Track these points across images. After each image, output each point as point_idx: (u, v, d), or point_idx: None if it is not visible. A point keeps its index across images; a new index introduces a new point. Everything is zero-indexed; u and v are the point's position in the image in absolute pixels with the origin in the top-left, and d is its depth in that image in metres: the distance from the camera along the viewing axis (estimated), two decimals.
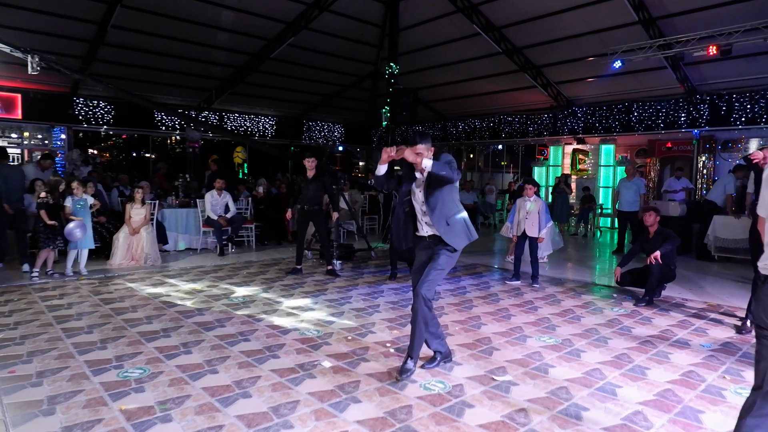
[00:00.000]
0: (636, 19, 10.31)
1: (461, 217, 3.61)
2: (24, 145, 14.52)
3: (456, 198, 3.64)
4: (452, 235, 3.55)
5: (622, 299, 5.91)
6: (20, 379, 3.33)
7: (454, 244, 3.55)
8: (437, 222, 3.53)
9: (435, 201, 3.54)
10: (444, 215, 3.53)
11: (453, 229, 3.55)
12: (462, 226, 3.60)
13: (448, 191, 3.56)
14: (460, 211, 3.61)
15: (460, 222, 3.60)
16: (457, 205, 3.63)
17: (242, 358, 3.79)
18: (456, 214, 3.58)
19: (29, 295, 5.55)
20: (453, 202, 3.59)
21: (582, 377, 3.56)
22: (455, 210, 3.58)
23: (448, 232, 3.54)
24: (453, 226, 3.54)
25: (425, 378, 3.49)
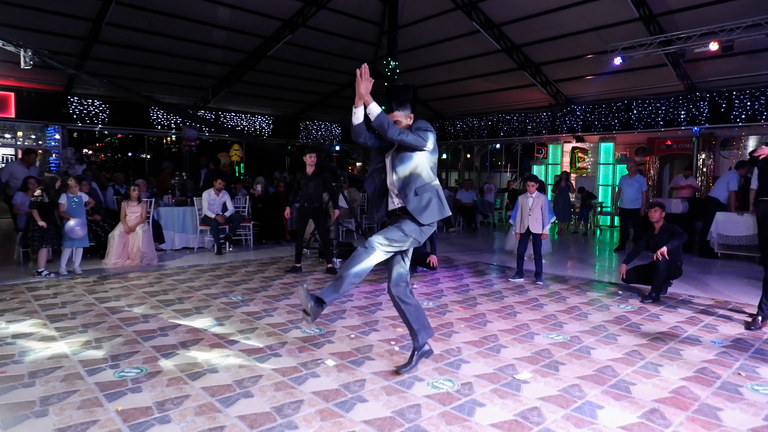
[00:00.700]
0: (637, 16, 10.26)
1: (433, 188, 3.26)
2: (18, 145, 14.35)
3: (429, 169, 3.28)
4: (419, 206, 3.19)
5: (627, 296, 5.82)
6: (11, 380, 3.19)
7: (420, 217, 3.19)
8: (403, 191, 3.20)
9: (404, 169, 3.22)
10: (412, 184, 3.20)
11: (421, 201, 3.20)
12: (432, 199, 3.24)
13: (421, 159, 3.23)
14: (431, 182, 3.27)
15: (431, 193, 3.24)
16: (430, 176, 3.28)
17: (242, 357, 3.66)
18: (426, 185, 3.23)
19: (22, 294, 5.40)
20: (425, 172, 3.24)
21: (594, 375, 3.45)
22: (426, 180, 3.24)
23: (415, 203, 3.19)
24: (421, 196, 3.20)
25: (432, 376, 3.38)
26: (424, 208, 3.20)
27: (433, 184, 3.27)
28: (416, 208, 3.18)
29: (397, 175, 3.23)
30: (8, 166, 9.09)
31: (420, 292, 5.84)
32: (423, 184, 3.21)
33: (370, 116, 3.00)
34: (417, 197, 3.19)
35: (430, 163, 3.27)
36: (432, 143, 3.23)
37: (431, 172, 3.28)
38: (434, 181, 3.29)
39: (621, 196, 9.39)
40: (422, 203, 3.20)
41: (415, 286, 6.15)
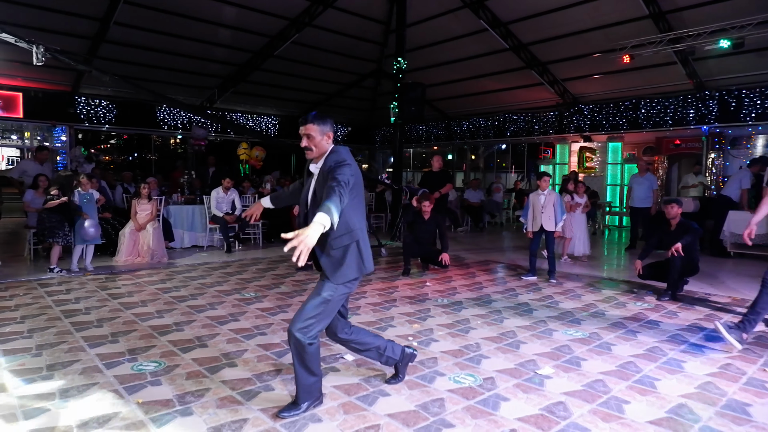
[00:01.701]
0: (646, 13, 10.19)
1: (353, 240, 2.67)
2: (26, 146, 14.38)
3: (353, 210, 2.66)
4: (334, 262, 2.64)
5: (643, 294, 5.76)
6: (30, 372, 3.16)
7: (331, 275, 2.63)
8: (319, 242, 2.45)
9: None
10: (328, 235, 2.55)
11: (336, 256, 2.64)
12: (351, 253, 2.67)
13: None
14: (353, 231, 2.67)
15: (350, 246, 2.67)
16: (352, 220, 2.66)
17: (260, 351, 3.63)
18: (345, 235, 2.64)
19: (35, 290, 5.38)
20: (349, 218, 2.63)
21: (617, 370, 3.40)
22: (346, 228, 2.63)
23: (330, 257, 2.63)
24: (338, 251, 2.64)
25: (453, 371, 3.34)
26: (338, 263, 2.64)
27: (357, 233, 2.69)
28: (330, 266, 2.65)
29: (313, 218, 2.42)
30: (21, 163, 9.09)
31: (433, 290, 5.80)
32: (340, 235, 2.62)
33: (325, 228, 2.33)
34: (333, 252, 2.64)
35: (350, 209, 2.62)
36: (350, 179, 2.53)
37: (353, 211, 2.67)
38: (357, 227, 2.69)
39: (631, 194, 9.33)
40: (337, 257, 2.65)
41: (428, 284, 6.11)
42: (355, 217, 2.69)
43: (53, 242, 6.17)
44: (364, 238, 2.75)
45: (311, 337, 2.62)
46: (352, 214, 2.67)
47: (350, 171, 2.57)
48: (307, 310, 2.63)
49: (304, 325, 2.60)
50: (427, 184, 8.13)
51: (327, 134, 2.72)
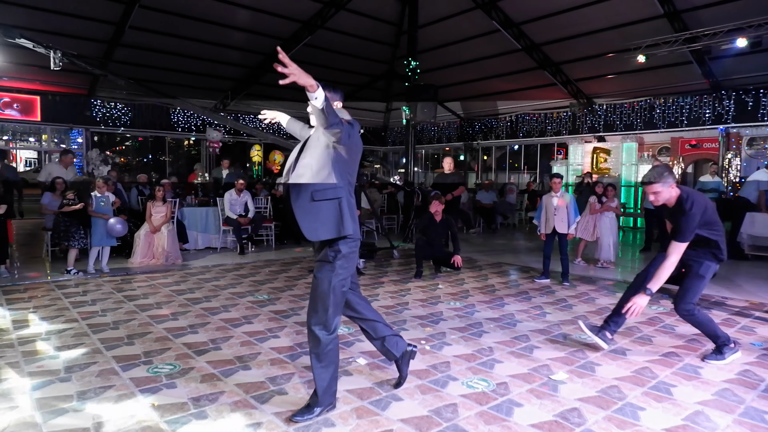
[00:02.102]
0: (661, 12, 10.09)
1: (336, 196, 2.57)
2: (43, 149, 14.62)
3: (340, 169, 2.58)
4: (310, 216, 2.53)
5: (658, 297, 5.68)
6: (49, 374, 3.22)
7: (306, 230, 2.54)
8: (297, 190, 2.52)
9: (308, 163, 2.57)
10: (309, 186, 2.52)
11: (315, 209, 2.53)
12: (331, 209, 2.56)
13: (339, 159, 2.56)
14: (338, 188, 2.57)
15: (331, 202, 2.56)
16: (339, 178, 2.58)
17: (274, 355, 3.65)
18: (329, 189, 2.54)
19: (52, 291, 5.47)
20: (338, 175, 2.57)
21: (632, 376, 3.37)
22: (331, 185, 2.55)
23: (307, 210, 2.53)
24: (318, 205, 2.54)
25: (466, 376, 3.33)
26: (317, 220, 2.54)
27: (340, 193, 2.59)
28: (308, 222, 2.54)
29: (296, 168, 2.60)
30: (47, 167, 9.26)
31: (446, 293, 5.79)
32: (323, 188, 2.54)
33: (317, 103, 2.33)
34: (312, 205, 2.54)
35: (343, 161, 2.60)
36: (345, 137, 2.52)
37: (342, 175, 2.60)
38: (341, 186, 2.60)
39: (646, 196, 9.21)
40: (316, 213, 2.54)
41: (440, 287, 6.10)
42: (344, 174, 2.61)
43: (69, 245, 6.26)
44: (350, 202, 2.63)
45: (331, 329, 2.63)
46: (342, 170, 2.59)
47: (351, 129, 2.55)
48: (317, 304, 2.63)
49: (320, 320, 2.61)
50: (439, 186, 8.12)
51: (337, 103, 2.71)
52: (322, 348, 2.64)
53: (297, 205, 2.55)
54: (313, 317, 2.64)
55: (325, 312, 2.62)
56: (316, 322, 2.62)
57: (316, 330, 2.62)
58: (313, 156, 2.59)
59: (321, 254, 2.69)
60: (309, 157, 2.60)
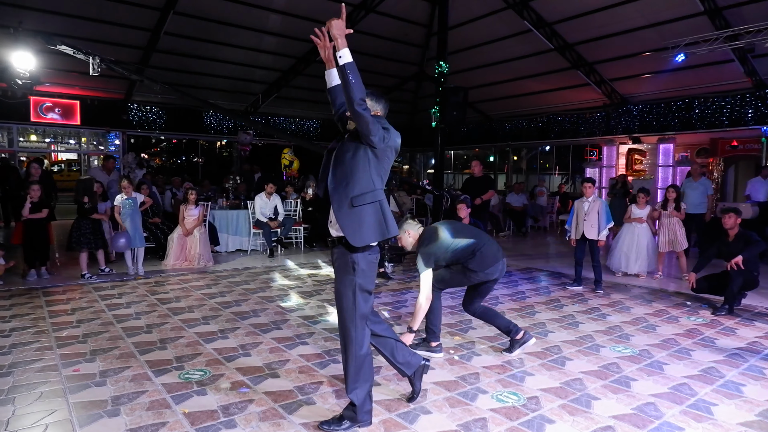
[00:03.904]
0: (701, 10, 9.72)
1: (376, 199, 2.55)
2: (82, 151, 15.13)
3: (377, 172, 2.56)
4: (354, 223, 2.51)
5: (697, 307, 5.49)
6: (84, 378, 3.30)
7: (352, 238, 2.51)
8: (337, 201, 2.53)
9: (342, 170, 2.55)
10: (351, 188, 2.51)
11: (357, 215, 2.51)
12: (374, 212, 2.54)
13: (374, 161, 2.53)
14: (376, 190, 2.55)
15: (372, 205, 2.54)
16: (376, 181, 2.55)
17: (302, 362, 3.66)
18: (368, 193, 2.53)
19: (89, 294, 5.63)
20: (375, 177, 2.55)
21: (670, 393, 3.25)
22: (369, 186, 2.53)
23: (350, 217, 2.51)
24: (359, 210, 2.51)
25: (496, 389, 3.27)
26: (360, 225, 2.52)
27: (378, 196, 2.58)
28: (352, 229, 2.51)
29: (333, 177, 2.59)
30: (90, 172, 9.59)
31: None
32: (362, 192, 2.52)
33: (341, 60, 2.39)
34: (352, 211, 2.52)
35: (377, 162, 2.57)
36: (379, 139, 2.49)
37: (376, 174, 2.57)
38: (378, 189, 2.59)
39: (684, 200, 8.89)
40: (359, 219, 2.52)
41: None
42: (381, 176, 2.59)
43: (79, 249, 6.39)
44: (386, 203, 2.63)
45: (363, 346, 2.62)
46: (378, 173, 2.57)
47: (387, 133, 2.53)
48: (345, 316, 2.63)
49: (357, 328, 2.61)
50: (468, 189, 8.03)
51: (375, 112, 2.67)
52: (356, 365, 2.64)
53: (340, 214, 2.53)
54: (344, 335, 2.65)
55: (355, 329, 2.63)
56: (347, 340, 2.63)
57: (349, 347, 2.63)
58: (348, 162, 2.56)
59: (341, 261, 2.66)
60: (344, 163, 2.58)
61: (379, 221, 2.55)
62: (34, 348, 3.85)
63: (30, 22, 9.09)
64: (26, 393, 3.07)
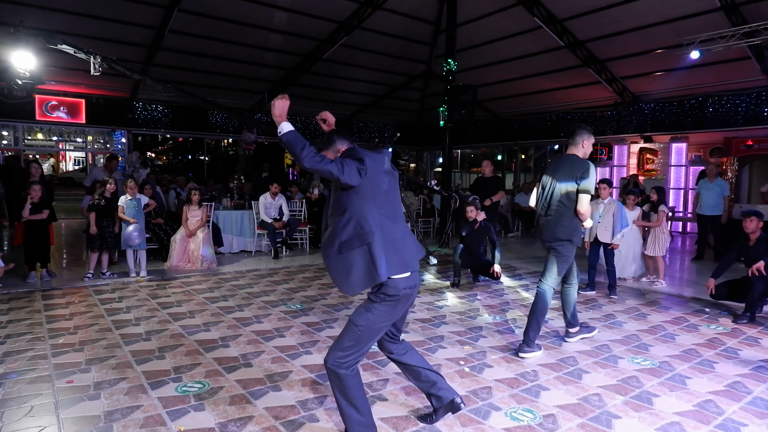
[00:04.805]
0: (717, 6, 9.47)
1: (363, 242, 2.35)
2: (87, 149, 15.08)
3: (369, 206, 2.39)
4: (342, 270, 2.37)
5: (716, 314, 5.28)
6: (78, 390, 3.16)
7: (341, 285, 2.41)
8: (325, 245, 2.45)
9: (334, 211, 2.46)
10: (337, 235, 2.40)
11: (344, 262, 2.37)
12: (360, 258, 2.35)
13: (357, 200, 2.38)
14: (364, 233, 2.36)
15: (359, 251, 2.35)
16: (366, 220, 2.37)
17: (305, 374, 3.50)
18: (354, 238, 2.36)
19: (89, 297, 5.50)
20: (361, 217, 2.37)
21: (695, 411, 3.05)
22: (356, 230, 2.37)
23: (337, 265, 2.39)
24: (346, 256, 2.37)
25: (510, 405, 3.09)
26: (348, 272, 2.36)
27: (369, 239, 2.36)
28: (339, 275, 2.39)
29: (326, 221, 2.53)
30: (92, 172, 9.48)
31: (484, 305, 5.53)
32: (349, 238, 2.37)
33: (280, 133, 2.30)
34: (340, 257, 2.38)
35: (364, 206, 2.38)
36: (355, 176, 2.32)
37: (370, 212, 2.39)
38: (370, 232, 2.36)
39: (699, 201, 8.66)
40: (346, 266, 2.37)
41: (479, 298, 5.85)
42: (371, 216, 2.38)
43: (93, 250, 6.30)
44: (381, 240, 2.36)
45: (346, 367, 2.42)
46: (368, 212, 2.38)
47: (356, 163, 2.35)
48: (341, 340, 2.46)
49: (338, 356, 2.43)
50: (478, 190, 7.84)
51: (338, 151, 2.53)
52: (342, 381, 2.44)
53: (327, 262, 2.45)
54: (332, 353, 2.45)
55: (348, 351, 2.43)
56: (335, 359, 2.43)
57: (332, 366, 2.42)
58: (333, 207, 2.47)
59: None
60: (330, 208, 2.50)
61: (367, 266, 2.35)
62: (28, 357, 3.71)
63: (32, 19, 9.00)
64: (16, 407, 2.93)
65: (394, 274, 2.38)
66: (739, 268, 5.57)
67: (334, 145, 2.55)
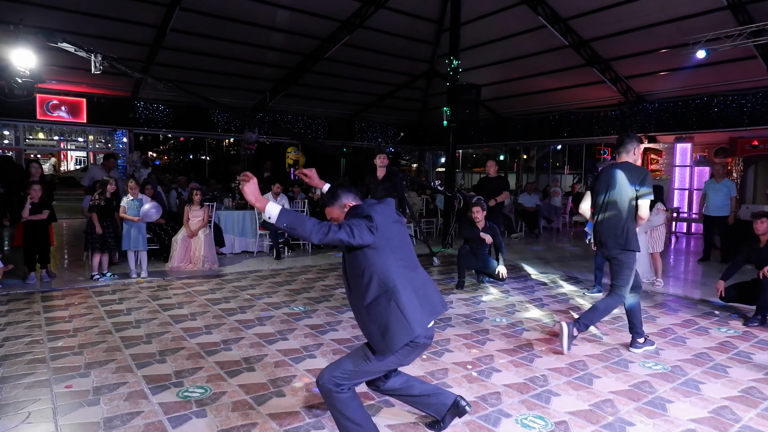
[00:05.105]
0: (724, 4, 9.37)
1: (390, 298, 2.30)
2: (89, 148, 15.02)
3: (388, 259, 2.33)
4: (376, 332, 2.32)
5: (726, 317, 5.19)
6: (77, 396, 3.08)
7: (376, 345, 2.34)
8: (354, 306, 2.42)
9: (353, 273, 2.39)
10: (362, 297, 2.35)
11: (376, 323, 2.32)
12: (393, 316, 2.30)
13: (373, 256, 2.31)
14: (389, 289, 2.31)
15: (390, 308, 2.30)
16: (387, 274, 2.31)
17: (310, 379, 3.42)
18: (381, 296, 2.31)
19: (89, 298, 5.43)
20: (382, 274, 2.32)
21: (710, 418, 2.97)
22: (381, 287, 2.31)
23: (370, 327, 2.34)
24: (376, 317, 2.32)
25: (520, 411, 3.01)
26: (381, 329, 2.30)
27: (396, 292, 2.31)
28: (373, 334, 2.34)
29: (347, 280, 2.46)
30: (90, 171, 9.41)
31: (490, 307, 5.45)
32: (375, 297, 2.32)
33: (271, 220, 2.21)
34: (371, 317, 2.33)
35: (388, 254, 2.33)
36: (367, 236, 2.25)
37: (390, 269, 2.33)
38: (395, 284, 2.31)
39: (706, 202, 8.57)
40: (379, 323, 2.31)
41: (484, 300, 5.76)
42: (391, 270, 2.33)
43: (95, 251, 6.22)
44: (406, 293, 2.32)
45: (341, 389, 2.37)
46: (387, 267, 2.33)
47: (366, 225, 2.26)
48: (345, 363, 2.42)
49: (336, 374, 2.37)
50: (482, 190, 7.75)
51: (345, 205, 2.48)
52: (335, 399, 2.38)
53: (361, 323, 2.42)
54: (329, 371, 2.40)
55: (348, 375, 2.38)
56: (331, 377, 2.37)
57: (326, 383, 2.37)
58: (352, 268, 2.40)
59: None
60: (349, 270, 2.43)
61: (400, 321, 2.30)
62: (26, 360, 3.63)
63: (32, 18, 8.91)
64: (12, 414, 2.85)
65: (426, 324, 2.36)
66: (747, 269, 5.48)
67: (340, 200, 2.48)
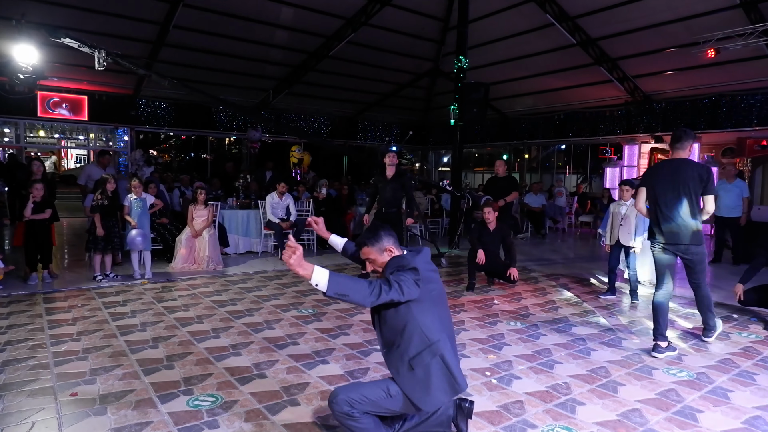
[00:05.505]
0: (735, 3, 9.25)
1: (435, 354, 2.27)
2: (90, 147, 14.90)
3: (430, 314, 2.30)
4: (419, 388, 2.26)
5: (745, 321, 5.06)
6: (82, 405, 2.96)
7: (421, 403, 2.27)
8: (393, 364, 2.33)
9: (391, 326, 2.34)
10: (405, 351, 2.29)
11: (419, 379, 2.26)
12: (437, 371, 2.27)
13: (415, 309, 2.27)
14: (433, 343, 2.28)
15: (433, 363, 2.27)
16: (430, 329, 2.29)
17: (323, 386, 3.29)
18: (424, 351, 2.27)
19: (93, 300, 5.30)
20: (425, 327, 2.28)
21: (744, 428, 2.84)
22: (423, 342, 2.28)
23: (412, 383, 2.27)
24: (419, 373, 2.27)
25: (545, 422, 2.88)
26: (426, 386, 2.26)
27: (438, 347, 2.29)
28: (416, 391, 2.27)
29: (382, 337, 2.41)
30: (85, 169, 9.27)
31: (503, 309, 5.33)
32: (418, 352, 2.28)
33: (321, 290, 2.06)
34: (413, 373, 2.27)
35: (424, 315, 2.29)
36: (414, 290, 2.21)
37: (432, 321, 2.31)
38: (436, 339, 2.29)
39: (717, 202, 8.42)
40: (422, 380, 2.26)
41: (496, 302, 5.64)
42: (433, 324, 2.31)
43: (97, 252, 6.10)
44: (450, 347, 2.33)
45: (354, 411, 2.26)
46: (430, 320, 2.30)
47: (411, 274, 2.22)
48: (364, 388, 2.33)
49: (353, 396, 2.26)
50: (491, 190, 7.63)
51: (386, 249, 2.43)
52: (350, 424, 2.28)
53: (401, 381, 2.30)
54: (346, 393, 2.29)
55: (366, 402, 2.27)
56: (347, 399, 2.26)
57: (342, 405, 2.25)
58: (392, 321, 2.33)
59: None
60: (388, 323, 2.35)
61: (447, 377, 2.29)
62: (29, 366, 3.51)
63: (34, 14, 8.78)
64: (16, 424, 2.72)
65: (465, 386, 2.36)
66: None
67: (381, 242, 2.43)
